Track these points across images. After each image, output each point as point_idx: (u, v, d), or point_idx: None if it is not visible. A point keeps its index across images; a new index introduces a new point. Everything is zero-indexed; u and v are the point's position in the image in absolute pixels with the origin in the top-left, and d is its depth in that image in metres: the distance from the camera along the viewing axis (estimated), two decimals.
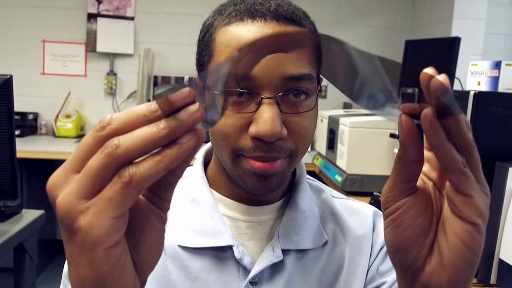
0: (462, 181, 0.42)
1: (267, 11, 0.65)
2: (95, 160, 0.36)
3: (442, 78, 0.40)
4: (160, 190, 0.40)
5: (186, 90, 0.36)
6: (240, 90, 0.64)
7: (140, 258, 0.41)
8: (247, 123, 0.64)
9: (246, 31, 0.65)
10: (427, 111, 0.40)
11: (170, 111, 0.36)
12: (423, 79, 0.41)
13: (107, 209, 0.36)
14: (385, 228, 0.48)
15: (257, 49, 0.47)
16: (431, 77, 0.40)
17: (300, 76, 0.64)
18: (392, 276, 0.77)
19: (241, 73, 0.62)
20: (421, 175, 0.49)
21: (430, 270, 0.47)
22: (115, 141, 0.36)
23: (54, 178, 0.38)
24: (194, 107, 0.36)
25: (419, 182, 0.48)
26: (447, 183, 0.44)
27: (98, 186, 0.36)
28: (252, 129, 0.63)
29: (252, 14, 0.65)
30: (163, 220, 0.42)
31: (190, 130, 0.37)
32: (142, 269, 0.42)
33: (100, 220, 0.36)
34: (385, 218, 0.48)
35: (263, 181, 0.68)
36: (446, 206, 0.46)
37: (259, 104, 0.63)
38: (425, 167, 0.49)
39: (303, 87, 0.65)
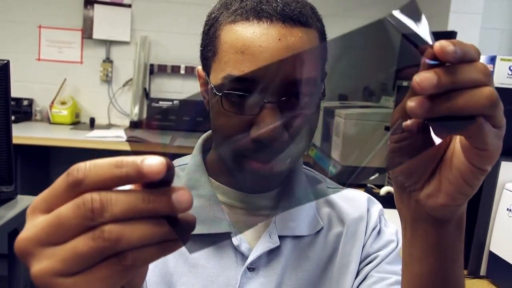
0: (478, 140, 0.43)
1: (274, 11, 0.64)
2: (86, 245, 0.33)
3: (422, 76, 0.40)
4: None
5: (188, 198, 0.35)
6: (243, 93, 0.64)
7: (129, 285, 0.41)
8: (248, 125, 0.64)
9: (252, 32, 0.64)
10: (410, 123, 0.42)
11: (170, 213, 0.35)
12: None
13: (102, 286, 0.34)
14: (389, 153, 0.49)
15: None
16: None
17: (303, 80, 0.65)
18: (384, 251, 0.79)
19: (245, 76, 0.63)
20: None
21: (427, 192, 0.49)
22: (113, 233, 0.33)
23: (24, 245, 0.35)
24: (191, 218, 0.37)
25: None
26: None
27: (86, 266, 0.34)
28: (254, 132, 0.63)
29: (258, 14, 0.65)
30: None
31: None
32: None
33: None
34: (390, 142, 0.49)
35: (262, 181, 0.69)
36: (457, 140, 0.47)
37: (261, 107, 0.64)
38: None
39: (306, 91, 0.66)
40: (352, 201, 0.83)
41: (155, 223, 0.34)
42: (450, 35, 2.35)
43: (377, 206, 0.85)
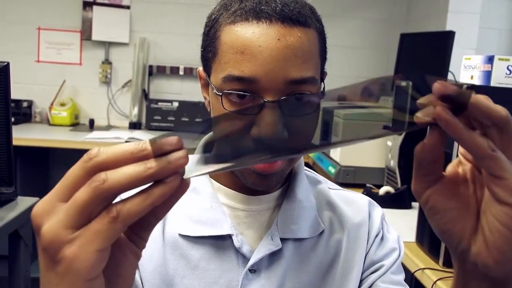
0: (491, 165, 0.43)
1: (273, 11, 0.65)
2: (83, 193, 0.37)
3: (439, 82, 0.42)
4: (140, 229, 0.42)
5: (175, 137, 0.38)
6: (243, 92, 0.65)
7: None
8: (249, 124, 0.65)
9: (251, 32, 0.65)
10: (439, 109, 0.42)
11: (158, 153, 0.38)
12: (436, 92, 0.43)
13: (94, 242, 0.37)
14: (427, 217, 0.49)
15: None
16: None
17: (303, 80, 0.65)
18: (389, 260, 0.79)
19: (245, 76, 0.64)
20: (459, 155, 0.50)
21: (476, 251, 0.47)
22: (102, 175, 0.37)
23: (40, 206, 0.39)
24: (181, 153, 0.38)
25: (455, 164, 0.49)
26: None
27: (85, 218, 0.38)
28: (254, 132, 0.64)
29: (258, 14, 0.65)
30: (138, 257, 0.43)
31: (175, 173, 0.39)
32: None
33: (85, 252, 0.37)
34: (422, 207, 0.49)
35: (263, 179, 0.70)
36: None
37: (261, 107, 0.64)
38: (461, 149, 0.49)
39: (305, 91, 0.67)
40: (353, 204, 0.83)
41: (141, 163, 0.38)
42: (448, 35, 2.35)
43: (378, 210, 0.84)
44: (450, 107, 0.42)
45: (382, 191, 2.03)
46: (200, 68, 0.76)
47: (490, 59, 1.36)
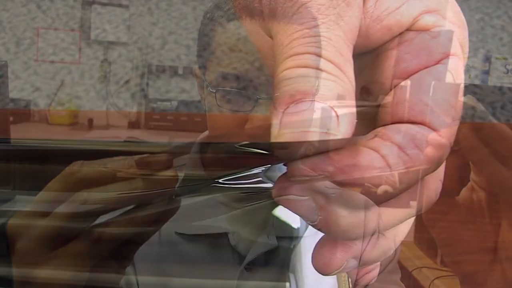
0: None
1: None
2: (63, 211, 0.35)
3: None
4: (124, 248, 0.40)
5: (164, 155, 0.35)
6: (237, 89, 0.65)
7: None
8: (243, 122, 0.65)
9: (244, 29, 0.66)
10: (467, 132, 0.39)
11: (145, 172, 0.35)
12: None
13: (72, 264, 0.35)
14: (438, 247, 0.47)
15: None
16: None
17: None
18: (385, 259, 0.79)
19: (238, 73, 0.64)
20: (472, 181, 0.46)
21: (493, 287, 0.44)
22: (84, 195, 0.35)
23: (18, 218, 0.37)
24: (170, 172, 0.36)
25: (468, 189, 0.46)
26: None
27: (64, 238, 0.35)
28: (248, 128, 0.64)
29: (251, 12, 0.66)
30: (121, 277, 0.42)
31: (163, 195, 0.36)
32: None
33: (62, 274, 0.35)
34: (435, 237, 0.47)
35: None
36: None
37: (255, 104, 0.65)
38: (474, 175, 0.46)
39: None
40: (349, 203, 0.83)
41: (126, 183, 0.35)
42: (446, 34, 2.36)
43: (375, 209, 0.85)
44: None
45: (380, 190, 2.03)
46: (196, 67, 0.76)
47: (488, 58, 1.37)
